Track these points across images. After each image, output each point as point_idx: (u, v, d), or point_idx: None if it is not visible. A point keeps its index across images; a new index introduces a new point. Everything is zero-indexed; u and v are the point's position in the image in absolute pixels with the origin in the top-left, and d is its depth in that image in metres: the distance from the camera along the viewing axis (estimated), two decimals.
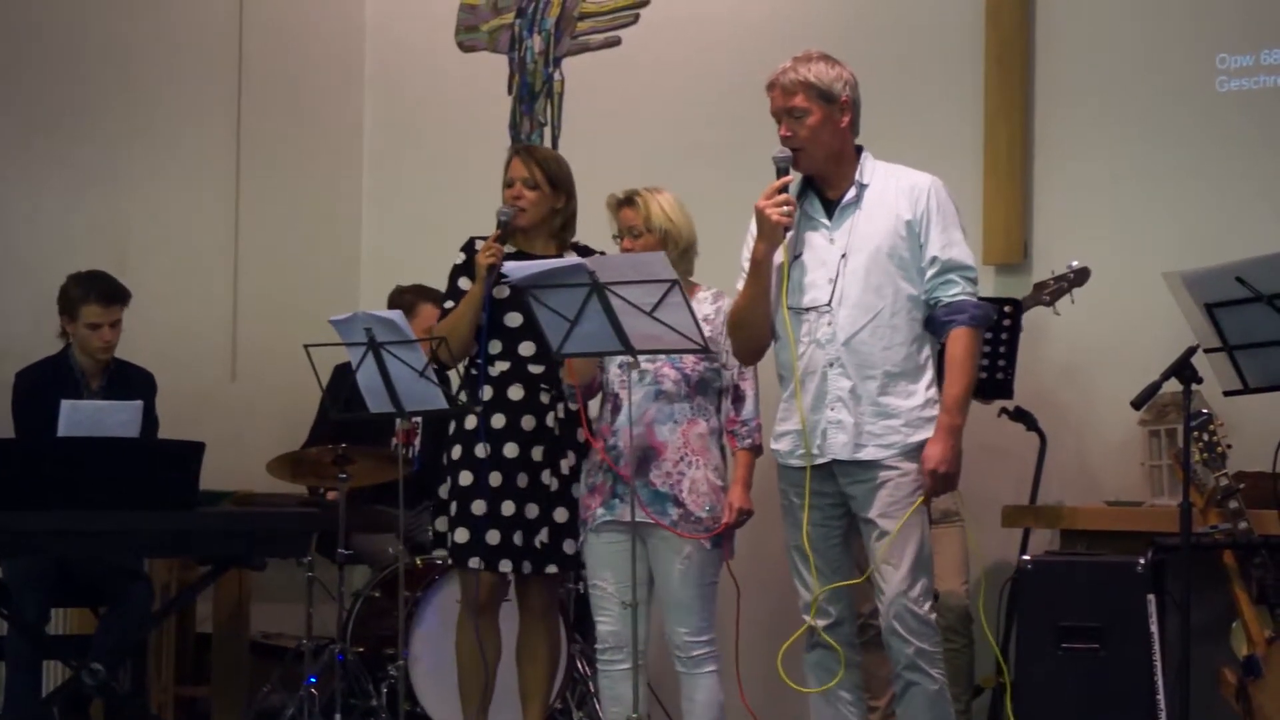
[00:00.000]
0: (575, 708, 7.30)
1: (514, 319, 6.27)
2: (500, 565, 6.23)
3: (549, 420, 6.30)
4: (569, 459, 6.32)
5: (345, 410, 6.51)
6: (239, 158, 8.69)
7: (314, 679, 7.08)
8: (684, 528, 5.96)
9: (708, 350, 5.71)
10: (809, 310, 5.44)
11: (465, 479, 6.26)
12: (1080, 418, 7.23)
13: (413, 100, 9.08)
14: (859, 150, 5.54)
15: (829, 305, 5.41)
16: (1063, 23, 7.42)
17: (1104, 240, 7.12)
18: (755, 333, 5.59)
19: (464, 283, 6.34)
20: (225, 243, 8.65)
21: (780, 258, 5.43)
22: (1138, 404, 5.71)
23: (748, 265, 5.52)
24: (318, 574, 7.21)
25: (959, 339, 5.40)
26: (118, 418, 6.73)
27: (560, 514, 6.29)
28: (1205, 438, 5.91)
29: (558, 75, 8.71)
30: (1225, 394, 5.30)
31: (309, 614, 7.15)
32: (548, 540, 6.26)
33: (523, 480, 6.25)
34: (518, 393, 6.26)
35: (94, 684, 6.67)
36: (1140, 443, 6.79)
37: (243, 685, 7.93)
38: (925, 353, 5.47)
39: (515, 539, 6.22)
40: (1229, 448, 5.95)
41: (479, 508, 6.21)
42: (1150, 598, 5.90)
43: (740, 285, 5.57)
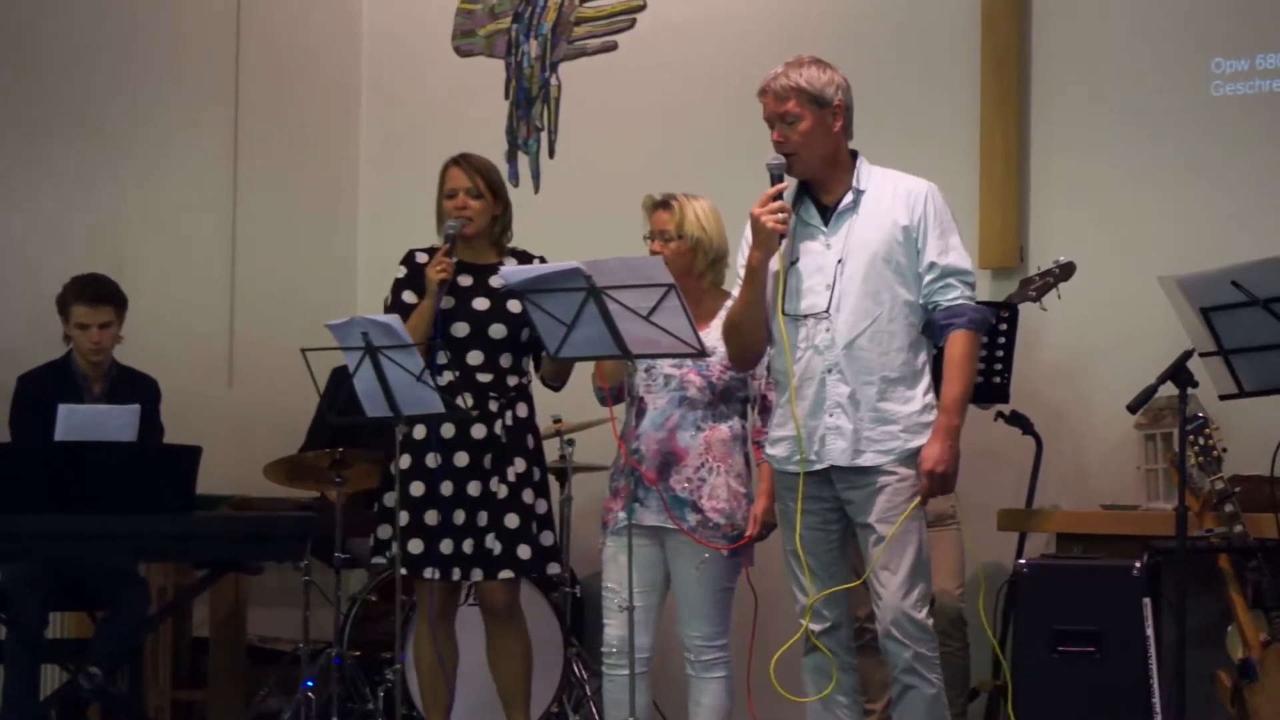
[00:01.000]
0: (571, 711, 7.30)
1: (460, 329, 6.29)
2: (453, 573, 6.25)
3: (497, 428, 6.31)
4: (516, 465, 6.33)
5: (342, 414, 6.52)
6: (236, 162, 8.70)
7: (310, 683, 7.07)
8: (702, 534, 5.94)
9: (703, 355, 5.70)
10: (807, 317, 5.44)
11: (417, 489, 6.27)
12: (1076, 421, 7.24)
13: (409, 105, 9.09)
14: (854, 155, 5.54)
15: (827, 311, 5.40)
16: (1058, 27, 7.43)
17: (1099, 244, 7.13)
18: (750, 339, 5.58)
19: (408, 296, 6.36)
20: (222, 247, 8.65)
21: (776, 264, 5.43)
22: (1134, 408, 5.72)
23: (743, 272, 5.52)
24: (314, 578, 7.20)
25: (958, 341, 5.40)
26: (115, 422, 6.73)
27: (511, 520, 6.28)
28: (1201, 441, 5.92)
29: (554, 80, 8.72)
30: (1221, 398, 5.31)
31: (306, 618, 7.15)
32: (498, 547, 6.26)
33: (474, 489, 6.27)
34: (467, 402, 6.27)
35: (91, 687, 6.67)
36: (1136, 446, 6.80)
37: (239, 689, 7.94)
38: (922, 358, 5.47)
39: (465, 547, 6.24)
40: (1224, 451, 5.96)
41: (432, 518, 6.24)
42: (1146, 601, 5.90)
43: (736, 292, 5.57)
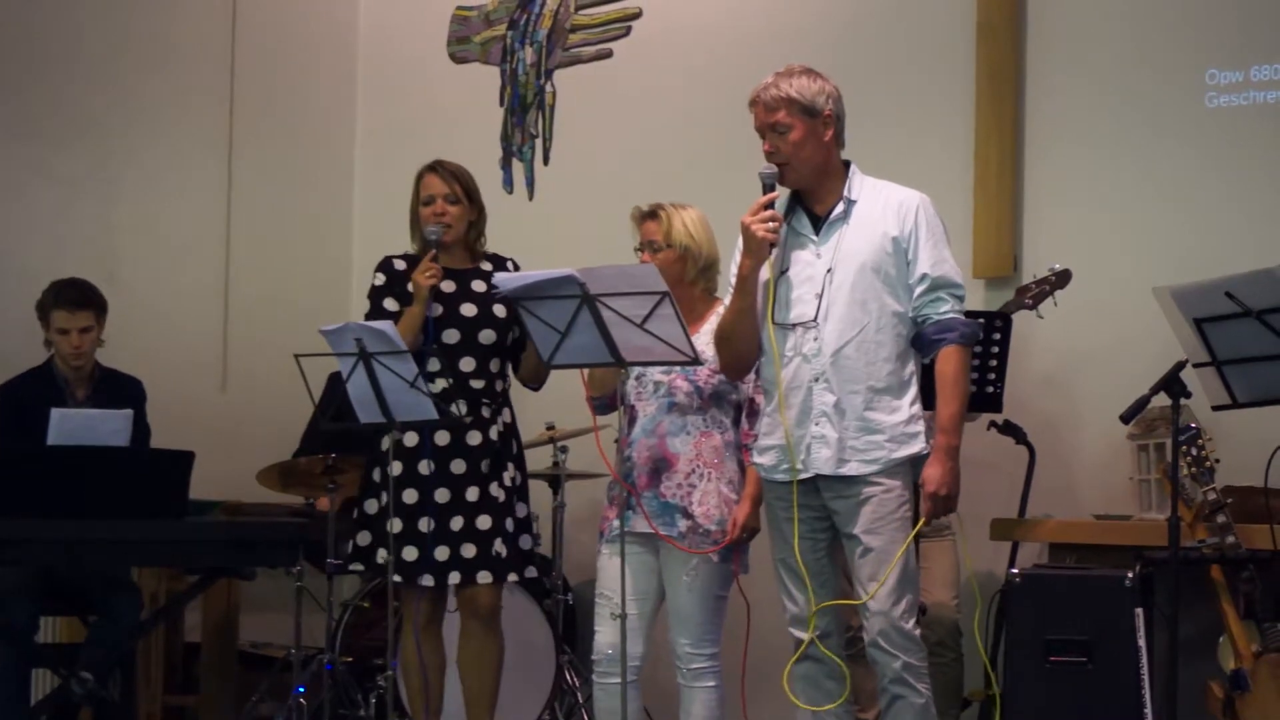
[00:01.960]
0: (563, 719, 7.30)
1: (451, 335, 6.30)
2: (451, 577, 6.25)
3: (493, 434, 6.33)
4: (510, 471, 6.36)
5: (335, 420, 6.51)
6: (230, 167, 8.70)
7: (302, 689, 7.08)
8: (692, 540, 5.93)
9: (697, 362, 5.70)
10: (795, 325, 5.43)
11: (410, 496, 6.27)
12: (1069, 431, 7.25)
13: (405, 111, 9.09)
14: (847, 165, 5.54)
15: (815, 321, 5.40)
16: (1053, 38, 7.44)
17: (1093, 254, 7.13)
18: (741, 348, 5.58)
19: (389, 303, 6.36)
20: (216, 252, 8.66)
21: (766, 274, 5.44)
22: (1126, 418, 5.72)
23: (734, 281, 5.53)
24: (307, 584, 7.20)
25: (949, 358, 5.41)
26: (108, 426, 6.72)
27: (509, 524, 6.32)
28: (1193, 452, 5.91)
29: (549, 87, 8.72)
30: (1214, 409, 5.32)
31: (298, 624, 7.15)
32: (505, 550, 6.27)
33: (473, 494, 6.27)
34: (460, 409, 6.28)
35: (83, 693, 6.68)
36: (1129, 457, 6.81)
37: (231, 695, 7.93)
38: (910, 369, 5.46)
39: (465, 552, 6.24)
40: (1217, 462, 5.95)
41: (426, 525, 6.24)
42: (1138, 611, 5.90)
43: (728, 300, 5.58)
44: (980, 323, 6.32)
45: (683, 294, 5.87)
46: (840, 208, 5.46)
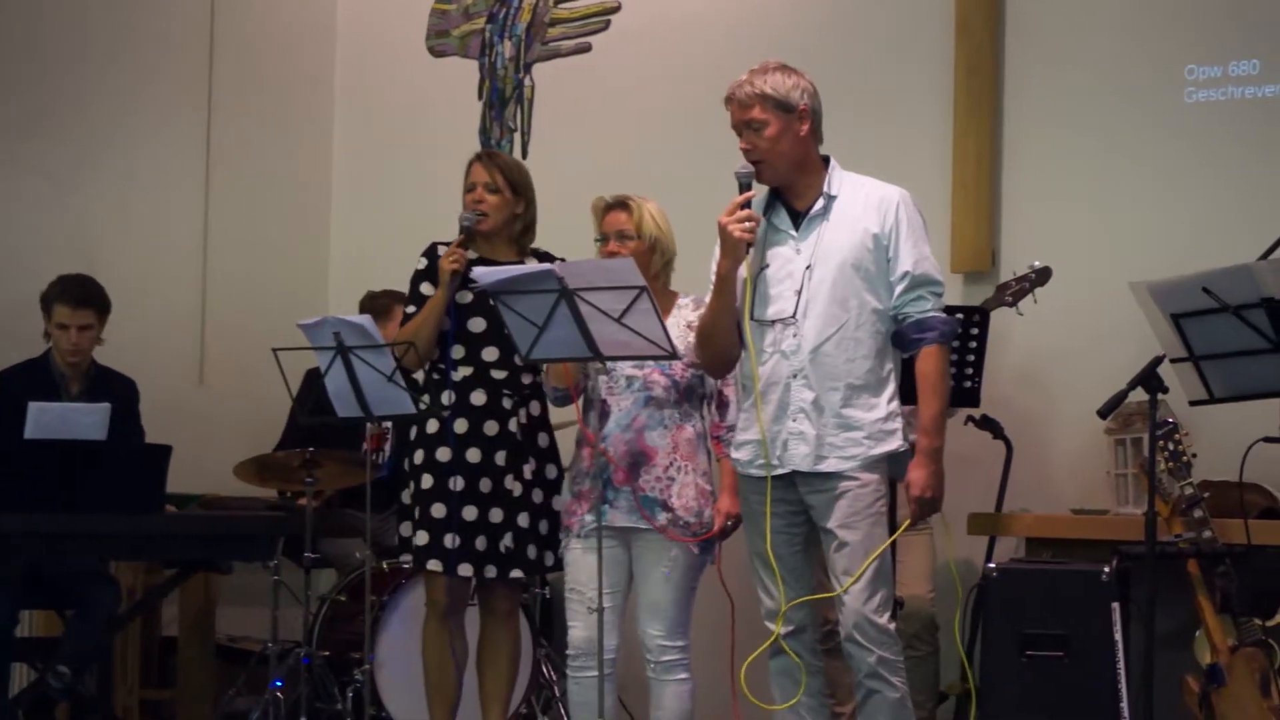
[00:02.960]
0: (540, 712, 7.30)
1: (477, 324, 6.28)
2: (460, 569, 6.23)
3: (511, 425, 6.31)
4: (530, 464, 6.33)
5: (313, 415, 6.51)
6: (209, 162, 8.68)
7: (279, 683, 7.06)
8: (673, 532, 5.95)
9: (675, 356, 5.70)
10: (774, 322, 5.43)
11: (426, 482, 6.26)
12: (1046, 426, 7.26)
13: (383, 105, 9.08)
14: (827, 160, 5.54)
15: (794, 317, 5.40)
16: (1031, 34, 7.45)
17: (1072, 249, 7.14)
18: (722, 346, 5.57)
19: (426, 288, 6.34)
20: (194, 247, 8.64)
21: (745, 271, 5.43)
22: (1104, 413, 5.73)
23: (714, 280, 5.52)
24: (284, 578, 7.19)
25: (930, 357, 5.41)
26: (85, 420, 6.71)
27: (523, 519, 6.29)
28: (1170, 447, 5.93)
29: (528, 81, 8.72)
30: (1191, 404, 5.33)
31: (275, 618, 7.13)
32: (513, 545, 6.26)
33: (486, 485, 6.26)
34: (480, 398, 6.27)
35: (60, 686, 6.67)
36: (1106, 451, 6.82)
37: (208, 689, 7.93)
38: (889, 366, 5.46)
39: (478, 544, 6.22)
40: (1194, 457, 5.97)
41: (439, 511, 6.22)
42: (1115, 606, 5.92)
43: (708, 298, 5.58)
44: (959, 319, 6.33)
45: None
46: (820, 203, 5.46)
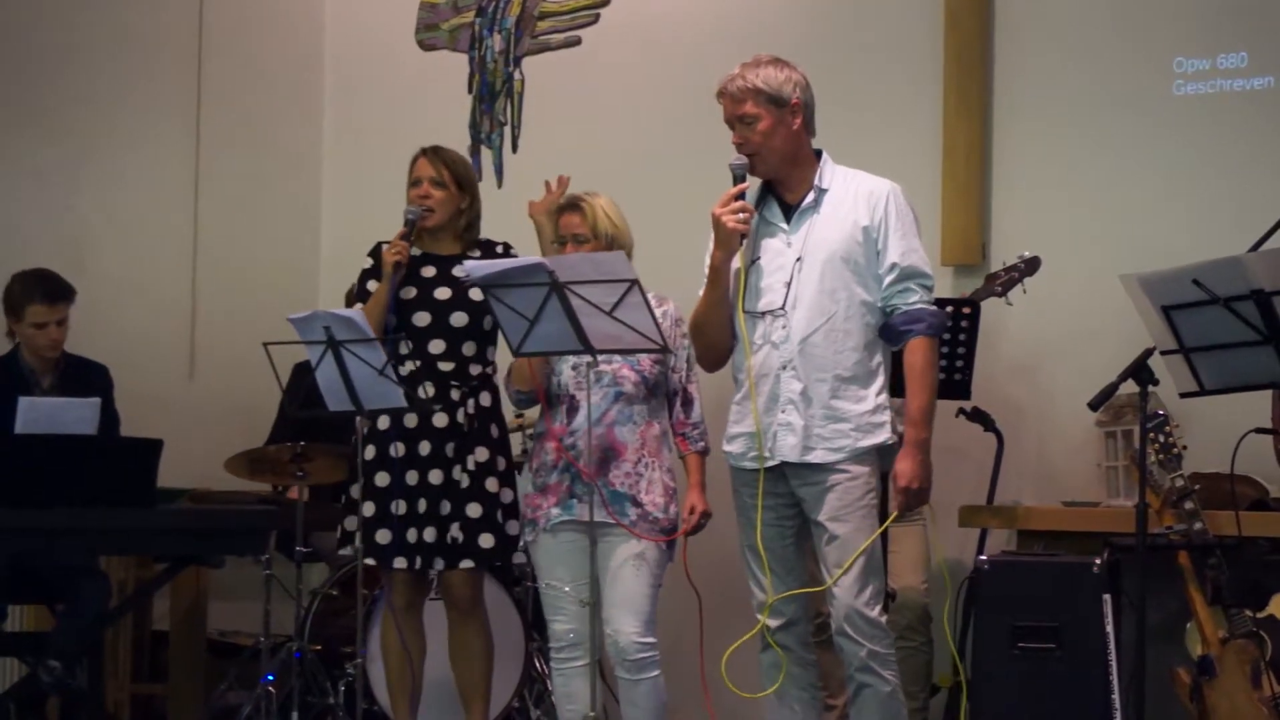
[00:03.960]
0: (533, 705, 7.30)
1: (422, 318, 6.31)
2: (415, 562, 6.26)
3: (460, 417, 6.32)
4: (478, 454, 6.33)
5: (304, 409, 6.51)
6: (198, 156, 8.67)
7: (271, 677, 7.06)
8: (641, 528, 5.98)
9: (667, 350, 5.72)
10: (765, 314, 5.45)
11: (382, 479, 6.28)
12: (1037, 418, 7.26)
13: (373, 99, 9.07)
14: (819, 154, 5.55)
15: (784, 309, 5.42)
16: (1022, 25, 7.45)
17: (1061, 242, 7.14)
18: (714, 338, 5.59)
19: (373, 285, 6.38)
20: (184, 241, 8.63)
21: (738, 263, 5.44)
22: (1095, 405, 5.74)
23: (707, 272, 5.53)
24: (275, 572, 7.19)
25: (918, 349, 5.42)
26: (75, 415, 6.70)
27: (473, 509, 6.28)
28: (1161, 439, 5.94)
29: (518, 75, 8.71)
30: (1181, 396, 5.32)
31: (266, 612, 7.13)
32: (462, 536, 6.27)
33: (436, 477, 6.28)
34: (428, 391, 6.28)
35: (50, 681, 6.66)
36: (1097, 443, 6.83)
37: (199, 683, 7.92)
38: (877, 358, 5.47)
39: (426, 535, 6.25)
40: (1184, 449, 5.98)
41: (398, 507, 6.24)
42: (1106, 598, 5.92)
43: (700, 291, 5.58)
44: (948, 312, 6.34)
45: None
46: (811, 196, 5.47)
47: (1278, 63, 7.01)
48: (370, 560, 6.25)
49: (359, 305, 6.33)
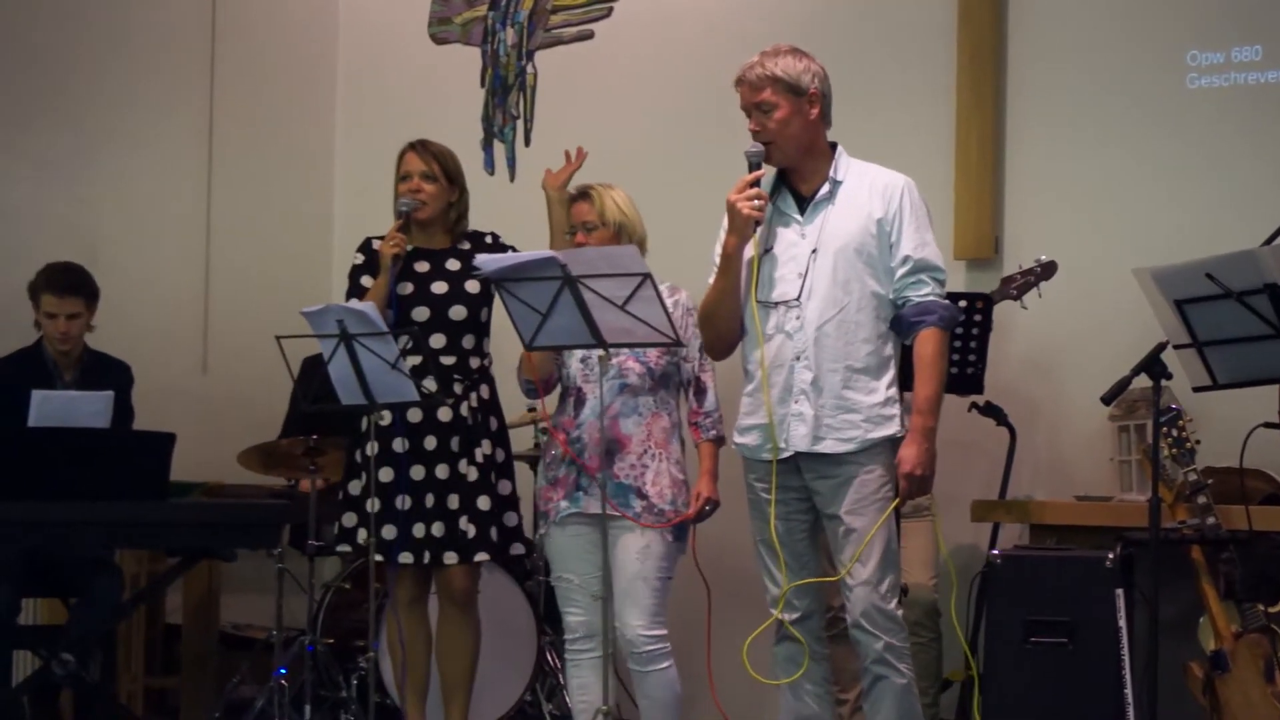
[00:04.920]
0: (545, 699, 7.30)
1: (420, 313, 6.31)
2: (424, 557, 6.25)
3: (463, 410, 6.32)
4: (483, 447, 6.33)
5: (316, 402, 6.51)
6: (211, 150, 8.67)
7: (284, 670, 7.06)
8: (647, 519, 5.98)
9: (679, 343, 5.72)
10: (778, 304, 5.45)
11: (386, 475, 6.28)
12: (1050, 413, 7.26)
13: (385, 93, 9.06)
14: (834, 146, 5.55)
15: (798, 300, 5.42)
16: (1035, 20, 7.44)
17: (1074, 236, 7.14)
18: (724, 327, 5.59)
19: (366, 280, 6.38)
20: (197, 235, 8.63)
21: (751, 252, 5.45)
22: (1107, 399, 5.73)
23: (719, 259, 5.53)
24: (288, 565, 7.20)
25: (928, 340, 5.42)
26: (88, 408, 6.71)
27: (483, 502, 6.29)
28: (1174, 433, 5.93)
29: (530, 68, 8.71)
30: (1194, 390, 5.32)
31: (279, 605, 7.15)
32: (473, 529, 6.26)
33: (443, 472, 6.27)
34: (431, 385, 6.28)
35: (63, 674, 6.66)
36: (1109, 438, 6.82)
37: (212, 676, 7.93)
38: (889, 350, 5.48)
39: (435, 530, 6.24)
40: (1198, 443, 5.98)
41: (404, 503, 6.24)
42: (1119, 592, 5.92)
43: (711, 279, 5.58)
44: (962, 306, 6.34)
45: None
46: (826, 188, 5.48)
47: None
48: (379, 557, 6.24)
49: (353, 301, 6.33)
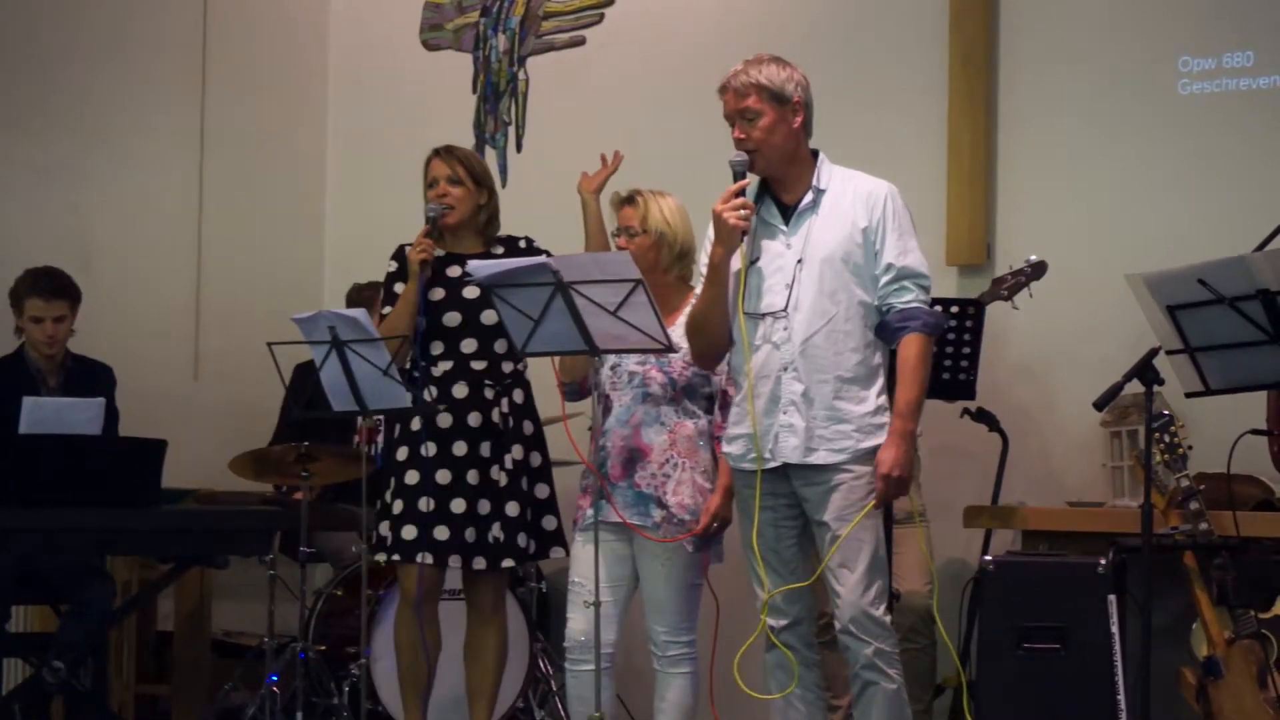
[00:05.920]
0: (537, 706, 7.30)
1: (452, 319, 6.29)
2: (451, 560, 6.24)
3: (494, 415, 6.31)
4: (514, 453, 6.32)
5: (308, 409, 6.50)
6: (202, 155, 8.67)
7: (275, 677, 7.05)
8: (667, 529, 5.95)
9: (670, 349, 5.71)
10: (765, 315, 5.44)
11: (411, 478, 6.26)
12: (1042, 419, 7.26)
13: (377, 99, 9.07)
14: (816, 154, 5.55)
15: (785, 311, 5.41)
16: (1027, 25, 7.44)
17: (1066, 241, 7.14)
18: (713, 337, 5.58)
19: (399, 288, 6.35)
20: (188, 241, 8.63)
21: (738, 263, 5.44)
22: (1100, 405, 5.74)
23: (706, 270, 5.53)
24: (280, 572, 7.18)
25: (911, 344, 5.42)
26: (80, 415, 6.70)
27: (512, 508, 6.28)
28: (1166, 439, 5.93)
29: (522, 74, 8.71)
30: (1187, 396, 5.32)
31: (271, 612, 7.12)
32: (502, 535, 6.26)
33: (473, 477, 6.26)
34: (462, 390, 6.27)
35: (55, 682, 6.66)
36: (1102, 444, 6.82)
37: (204, 684, 7.92)
38: (877, 359, 5.47)
39: (467, 535, 6.23)
40: (1190, 449, 5.98)
41: (425, 504, 6.22)
42: (1111, 598, 5.91)
43: (699, 289, 5.58)
44: (953, 312, 6.34)
45: (657, 281, 5.87)
46: (809, 197, 5.47)
47: None
48: (396, 556, 6.23)
49: (386, 308, 6.32)
